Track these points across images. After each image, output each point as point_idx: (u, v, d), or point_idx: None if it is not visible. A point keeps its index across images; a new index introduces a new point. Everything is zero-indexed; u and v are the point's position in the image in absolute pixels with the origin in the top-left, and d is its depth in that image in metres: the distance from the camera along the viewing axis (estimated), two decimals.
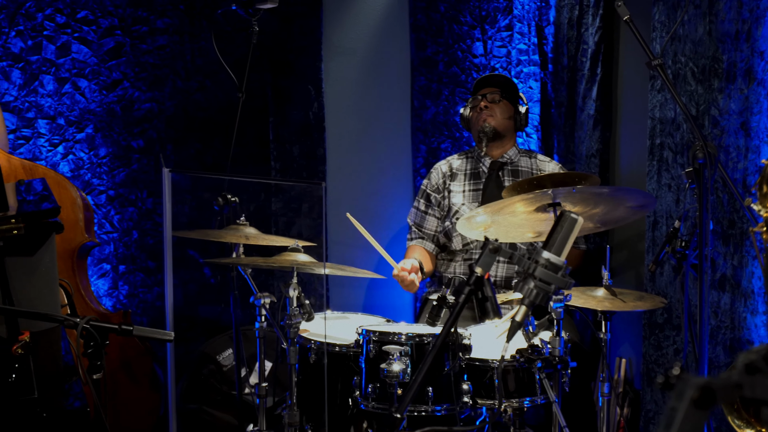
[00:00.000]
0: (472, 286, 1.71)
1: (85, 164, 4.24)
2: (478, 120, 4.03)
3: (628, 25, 2.89)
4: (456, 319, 1.75)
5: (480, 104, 4.02)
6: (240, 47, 4.29)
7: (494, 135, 4.01)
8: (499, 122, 4.02)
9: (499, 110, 4.02)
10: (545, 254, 1.72)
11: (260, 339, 3.34)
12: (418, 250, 4.07)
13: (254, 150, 4.45)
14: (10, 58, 4.07)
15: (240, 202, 3.61)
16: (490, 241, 1.74)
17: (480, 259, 1.73)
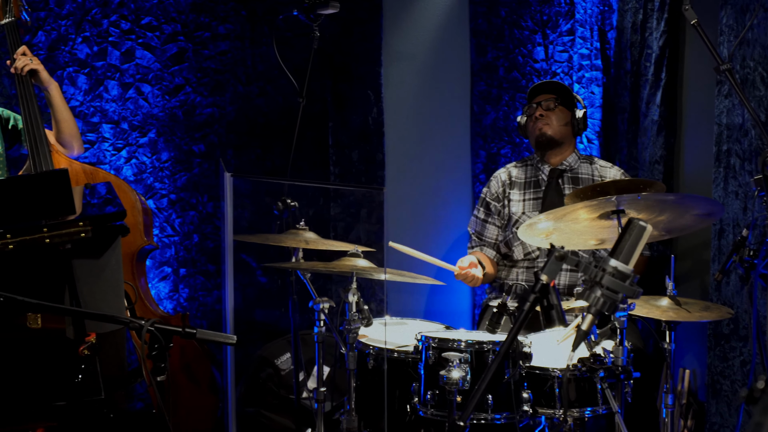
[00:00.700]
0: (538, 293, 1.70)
1: (148, 168, 4.31)
2: (534, 129, 3.99)
3: (696, 29, 2.85)
4: (521, 326, 1.73)
5: (535, 113, 3.97)
6: (300, 53, 4.32)
7: (551, 143, 3.97)
8: (555, 130, 3.96)
9: (555, 117, 3.97)
10: (613, 262, 1.70)
11: (319, 344, 3.36)
12: (477, 253, 4.05)
13: (313, 155, 4.48)
14: (77, 63, 4.16)
15: (299, 206, 3.63)
16: (556, 249, 1.72)
17: (545, 267, 1.72)
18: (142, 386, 4.06)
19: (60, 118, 3.64)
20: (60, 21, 4.12)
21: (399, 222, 4.53)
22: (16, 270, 2.40)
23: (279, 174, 4.40)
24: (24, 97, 3.51)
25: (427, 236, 4.58)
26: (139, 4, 4.23)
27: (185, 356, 3.79)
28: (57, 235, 2.35)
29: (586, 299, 1.71)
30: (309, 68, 3.73)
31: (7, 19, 3.62)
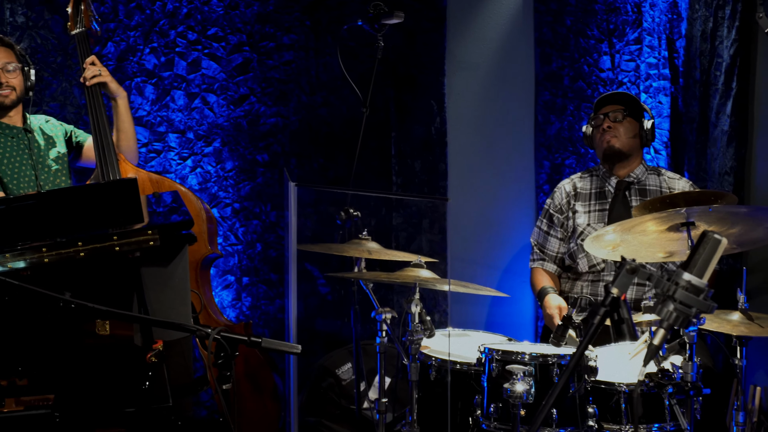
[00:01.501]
0: (608, 307, 1.67)
1: (212, 177, 4.37)
2: (602, 141, 3.92)
3: None
4: (591, 340, 1.71)
5: (603, 125, 3.91)
6: (364, 62, 4.35)
7: (619, 156, 3.91)
8: (623, 143, 3.89)
9: (623, 129, 3.89)
10: (686, 276, 1.67)
11: (381, 354, 3.35)
12: (544, 277, 3.98)
13: (376, 164, 4.49)
14: (144, 74, 4.24)
15: (361, 216, 3.64)
16: (628, 261, 1.69)
17: (616, 280, 1.69)
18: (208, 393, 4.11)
19: (122, 128, 3.71)
20: (129, 32, 4.21)
21: (461, 232, 4.51)
22: (86, 277, 2.45)
23: (341, 184, 4.43)
24: (93, 106, 3.58)
25: (489, 247, 4.55)
26: (205, 15, 4.30)
27: (248, 364, 3.82)
28: (126, 243, 2.40)
29: (658, 313, 1.68)
30: (373, 78, 3.74)
31: (78, 30, 3.70)
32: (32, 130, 3.59)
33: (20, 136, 3.56)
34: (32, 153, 3.56)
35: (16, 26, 4.03)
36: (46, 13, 4.07)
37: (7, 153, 3.52)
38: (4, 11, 4.01)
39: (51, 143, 3.64)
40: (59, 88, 4.12)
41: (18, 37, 3.99)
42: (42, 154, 3.59)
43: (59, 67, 4.11)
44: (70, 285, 2.24)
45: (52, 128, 3.69)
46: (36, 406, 2.11)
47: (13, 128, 3.56)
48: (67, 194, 2.71)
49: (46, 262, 2.36)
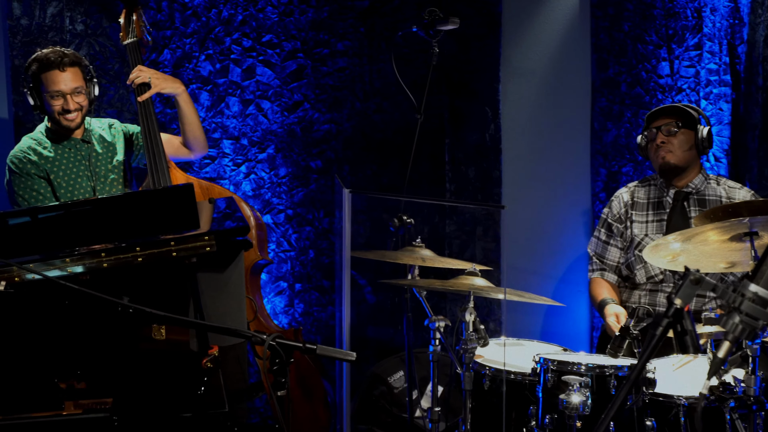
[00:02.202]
0: (671, 318, 1.65)
1: (266, 184, 4.40)
2: (657, 156, 3.84)
3: None
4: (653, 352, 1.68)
5: (656, 140, 3.83)
6: (418, 69, 4.35)
7: (675, 170, 3.83)
8: (679, 157, 3.81)
9: (678, 142, 3.80)
10: (752, 287, 1.63)
11: (434, 362, 3.34)
12: (604, 287, 3.92)
13: (429, 171, 4.49)
14: (200, 80, 4.29)
15: (415, 223, 3.63)
16: (691, 272, 1.66)
17: (680, 290, 1.66)
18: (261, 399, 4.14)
19: (186, 122, 3.76)
20: (185, 39, 4.27)
21: (515, 240, 4.49)
22: (143, 282, 2.49)
23: (394, 190, 4.43)
24: (143, 114, 3.63)
25: (544, 256, 4.52)
26: (260, 22, 4.34)
27: (299, 370, 3.84)
28: (183, 248, 2.43)
29: (723, 326, 1.65)
30: (427, 84, 3.74)
31: (130, 40, 3.76)
32: (91, 140, 3.64)
33: (78, 147, 3.62)
34: (90, 164, 3.62)
35: (75, 34, 4.12)
36: (105, 21, 4.15)
37: (63, 165, 3.57)
38: (64, 20, 4.10)
39: (111, 151, 3.69)
40: (116, 94, 4.20)
41: (77, 44, 4.07)
42: (99, 165, 3.64)
43: (116, 74, 4.18)
44: (127, 290, 2.27)
45: (113, 133, 3.74)
46: (94, 410, 2.15)
47: (72, 139, 3.62)
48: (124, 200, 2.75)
49: (104, 267, 2.40)
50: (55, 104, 3.50)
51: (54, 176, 3.53)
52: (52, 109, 3.51)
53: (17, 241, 2.45)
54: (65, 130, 3.57)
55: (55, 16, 4.09)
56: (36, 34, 4.07)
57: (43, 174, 3.53)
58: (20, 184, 3.52)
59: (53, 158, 3.56)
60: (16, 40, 4.06)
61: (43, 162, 3.54)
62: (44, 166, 3.54)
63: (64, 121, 3.52)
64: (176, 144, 3.83)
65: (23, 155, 3.54)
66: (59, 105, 3.50)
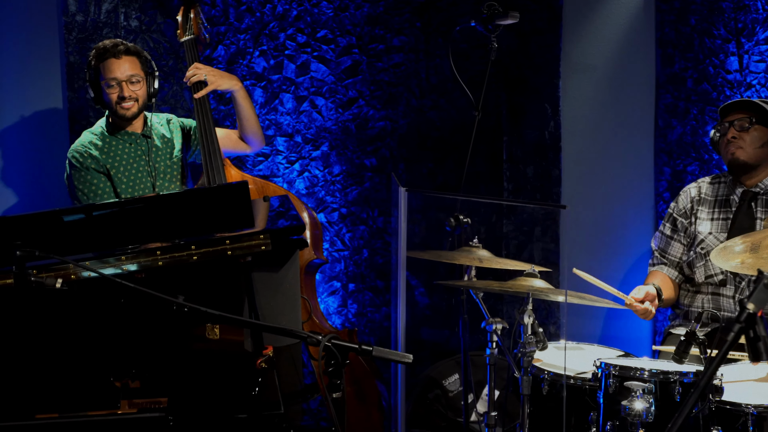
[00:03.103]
0: (743, 323, 1.62)
1: (320, 182, 4.43)
2: (726, 152, 3.78)
3: None
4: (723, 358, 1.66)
5: (728, 135, 3.76)
6: (475, 65, 4.33)
7: (745, 168, 3.76)
8: (749, 154, 3.74)
9: (750, 138, 3.73)
10: None
11: (490, 366, 3.33)
12: (658, 276, 3.89)
13: (486, 170, 4.47)
14: (254, 77, 4.33)
15: (471, 223, 3.62)
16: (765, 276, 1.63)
17: (752, 295, 1.63)
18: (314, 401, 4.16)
19: (244, 116, 3.80)
20: (239, 35, 4.31)
21: (575, 241, 4.45)
22: (198, 281, 2.52)
23: (450, 189, 4.42)
24: (199, 111, 3.68)
25: (604, 257, 4.47)
26: (315, 18, 4.36)
27: (353, 372, 3.85)
28: (239, 247, 2.45)
29: None
30: (486, 81, 3.72)
31: (187, 37, 3.81)
32: (151, 135, 3.70)
33: (138, 142, 3.68)
34: (150, 159, 3.67)
35: (130, 30, 4.18)
36: (159, 17, 4.20)
37: (124, 160, 3.63)
38: (119, 15, 4.17)
39: (169, 146, 3.74)
40: (170, 91, 4.25)
41: (131, 41, 4.12)
42: (159, 160, 3.69)
43: (171, 71, 4.24)
44: (182, 289, 2.29)
45: (172, 128, 3.79)
46: (149, 409, 2.18)
47: (132, 134, 3.67)
48: (179, 198, 2.79)
49: (160, 265, 2.44)
50: (111, 92, 3.56)
51: (114, 171, 3.59)
52: (109, 99, 3.58)
53: (72, 238, 2.50)
54: (122, 119, 3.62)
55: (109, 12, 4.16)
56: (91, 31, 4.14)
57: (103, 169, 3.59)
58: (80, 179, 3.58)
59: (113, 153, 3.62)
60: (72, 37, 4.13)
61: (103, 157, 3.60)
62: (104, 162, 3.60)
63: (120, 109, 3.58)
64: (234, 138, 3.88)
65: (84, 150, 3.61)
66: (115, 93, 3.56)
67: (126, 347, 2.16)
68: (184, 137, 3.80)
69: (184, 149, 3.79)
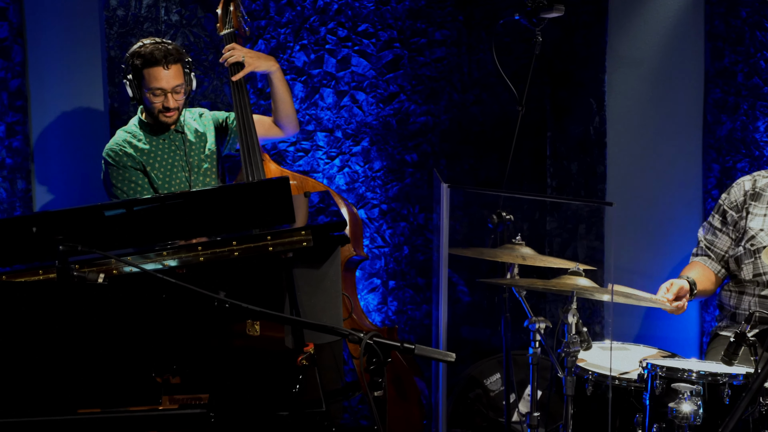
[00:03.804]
0: None
1: (360, 177, 4.43)
2: None
3: None
4: None
5: None
6: (519, 59, 4.31)
7: None
8: None
9: None
10: None
11: (533, 365, 3.32)
12: (697, 267, 3.81)
13: (530, 166, 4.44)
14: (294, 71, 4.34)
15: (514, 220, 3.60)
16: None
17: None
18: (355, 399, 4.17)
19: (279, 99, 3.81)
20: (279, 29, 4.32)
21: (620, 239, 4.40)
22: (239, 277, 2.53)
23: (492, 185, 4.40)
24: (237, 94, 3.69)
25: (650, 256, 4.42)
26: (356, 11, 4.36)
27: (394, 369, 3.85)
28: (280, 243, 2.46)
29: None
30: (530, 75, 3.70)
31: (227, 30, 3.83)
32: (184, 130, 3.73)
33: (172, 138, 3.71)
34: (185, 154, 3.70)
35: (170, 24, 4.21)
36: (200, 11, 4.23)
37: (159, 155, 3.67)
38: (160, 10, 4.20)
39: (203, 140, 3.77)
40: (210, 86, 4.28)
41: (172, 35, 4.17)
42: (193, 155, 3.73)
43: (211, 65, 4.26)
44: (223, 284, 2.30)
45: (204, 122, 3.82)
46: (190, 405, 2.19)
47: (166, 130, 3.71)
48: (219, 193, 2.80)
49: (201, 261, 2.45)
50: (155, 101, 3.59)
51: (150, 168, 3.63)
52: (152, 105, 3.61)
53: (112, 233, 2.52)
54: (162, 126, 3.66)
55: (150, 7, 4.19)
56: (132, 25, 4.18)
57: (139, 166, 3.63)
58: (117, 177, 3.62)
59: (149, 150, 3.66)
60: (112, 31, 4.17)
61: (138, 154, 3.64)
62: (140, 159, 3.63)
63: (162, 117, 3.62)
64: (268, 124, 3.89)
65: (119, 148, 3.65)
66: (159, 102, 3.59)
67: (167, 343, 2.18)
68: (217, 131, 3.83)
69: (217, 143, 3.82)
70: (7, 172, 4.19)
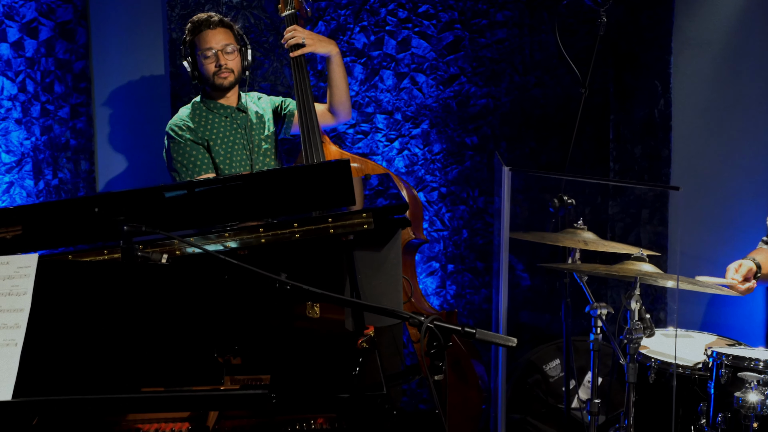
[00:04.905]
0: None
1: (419, 160, 4.42)
2: None
3: None
4: None
5: None
6: (582, 40, 4.25)
7: None
8: None
9: None
10: None
11: (594, 352, 3.29)
12: (763, 253, 3.74)
13: (592, 149, 4.39)
14: (354, 53, 4.34)
15: (575, 204, 3.57)
16: None
17: None
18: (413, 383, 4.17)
19: (335, 84, 3.82)
20: (339, 11, 4.32)
21: (684, 225, 4.33)
22: (299, 259, 2.55)
23: (553, 169, 4.36)
24: (299, 85, 3.70)
25: (716, 243, 4.34)
26: None
27: (453, 353, 3.85)
28: (341, 225, 2.46)
29: None
30: (594, 57, 3.64)
31: (288, 11, 3.83)
32: (246, 109, 3.76)
33: (234, 116, 3.74)
34: (246, 133, 3.73)
35: (231, 6, 4.24)
36: None
37: (221, 133, 3.70)
38: None
39: (262, 122, 3.80)
40: (270, 68, 4.30)
41: (232, 17, 4.18)
42: (254, 134, 3.75)
43: (271, 47, 4.28)
44: (283, 266, 2.31)
45: (263, 105, 3.85)
46: (251, 386, 2.22)
47: (228, 108, 3.74)
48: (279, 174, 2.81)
49: (262, 242, 2.47)
50: (207, 63, 3.64)
51: (213, 143, 3.66)
52: (205, 70, 3.65)
53: (173, 214, 2.55)
54: (219, 90, 3.69)
55: None
56: (193, 7, 4.21)
57: (202, 141, 3.66)
58: (179, 151, 3.66)
59: (211, 126, 3.69)
60: (174, 13, 4.21)
61: (201, 130, 3.67)
62: (203, 134, 3.67)
63: (217, 79, 3.66)
64: (321, 110, 3.90)
65: (182, 123, 3.69)
66: (212, 63, 3.64)
67: (228, 323, 2.20)
68: (275, 114, 3.85)
69: (275, 126, 3.84)
70: (71, 153, 4.27)
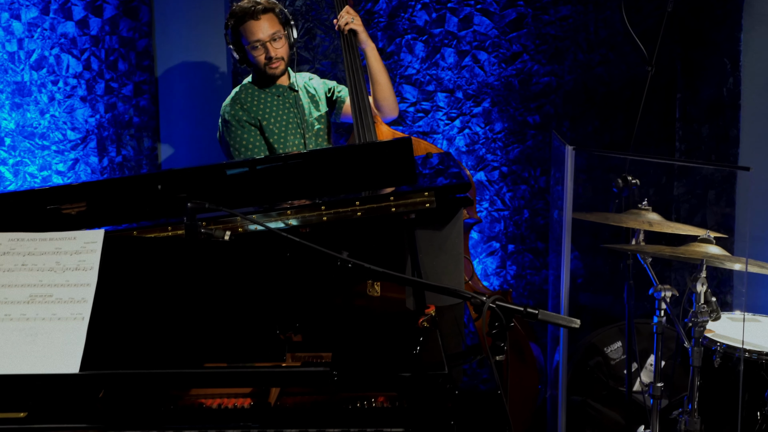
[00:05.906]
0: None
1: (480, 139, 4.39)
2: None
3: None
4: None
5: None
6: (648, 17, 4.17)
7: None
8: None
9: None
10: None
11: (657, 335, 3.25)
12: None
13: (657, 129, 4.32)
14: (415, 31, 4.32)
15: (640, 184, 3.52)
16: None
17: None
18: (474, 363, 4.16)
19: (375, 80, 3.80)
20: None
21: (754, 206, 4.24)
22: (360, 237, 2.55)
23: (617, 148, 4.30)
24: (350, 66, 3.69)
25: None
26: None
27: (511, 334, 3.82)
28: (403, 204, 2.46)
29: None
30: (661, 34, 3.57)
31: None
32: (298, 88, 3.77)
33: (286, 95, 3.75)
34: (299, 112, 3.74)
35: None
36: None
37: (274, 112, 3.72)
38: None
39: (314, 102, 3.81)
40: (331, 45, 4.30)
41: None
42: (306, 113, 3.77)
43: (332, 25, 4.27)
44: (345, 244, 2.32)
45: (315, 86, 3.85)
46: (312, 363, 2.23)
47: (280, 87, 3.75)
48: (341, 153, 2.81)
49: (324, 220, 2.48)
50: (257, 55, 3.65)
51: (266, 123, 3.68)
52: (256, 60, 3.66)
53: (234, 191, 2.57)
54: (271, 78, 3.71)
55: None
56: None
57: (255, 122, 3.68)
58: (233, 134, 3.69)
59: (263, 106, 3.71)
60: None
61: (254, 110, 3.69)
62: (256, 114, 3.69)
63: (269, 70, 3.68)
64: None
65: (235, 104, 3.71)
66: (261, 55, 3.65)
67: (290, 301, 2.22)
68: (328, 97, 3.86)
69: (328, 108, 3.85)
70: (134, 130, 4.33)
